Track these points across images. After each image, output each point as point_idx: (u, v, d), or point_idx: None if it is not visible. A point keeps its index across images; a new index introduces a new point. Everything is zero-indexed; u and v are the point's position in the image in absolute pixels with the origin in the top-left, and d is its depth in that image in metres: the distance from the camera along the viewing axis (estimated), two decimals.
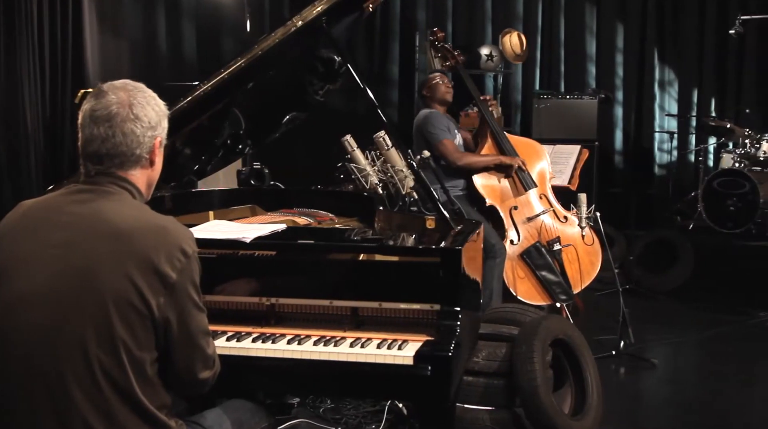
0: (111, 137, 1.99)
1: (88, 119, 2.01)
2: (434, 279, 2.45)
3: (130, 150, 2.01)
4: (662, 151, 9.73)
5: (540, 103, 8.41)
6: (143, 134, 2.03)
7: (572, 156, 6.13)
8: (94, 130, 1.99)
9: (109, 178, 2.01)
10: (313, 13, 3.03)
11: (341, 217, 3.75)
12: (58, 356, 1.84)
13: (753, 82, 9.56)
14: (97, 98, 2.02)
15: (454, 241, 2.52)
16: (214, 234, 2.62)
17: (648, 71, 9.62)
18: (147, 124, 2.03)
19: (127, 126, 2.00)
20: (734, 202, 7.49)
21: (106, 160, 2.01)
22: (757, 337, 5.75)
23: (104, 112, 1.99)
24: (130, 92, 2.03)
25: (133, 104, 2.02)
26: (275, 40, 2.93)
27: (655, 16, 9.59)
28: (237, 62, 2.98)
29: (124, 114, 2.00)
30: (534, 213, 5.48)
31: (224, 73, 3.00)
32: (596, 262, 5.56)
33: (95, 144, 2.00)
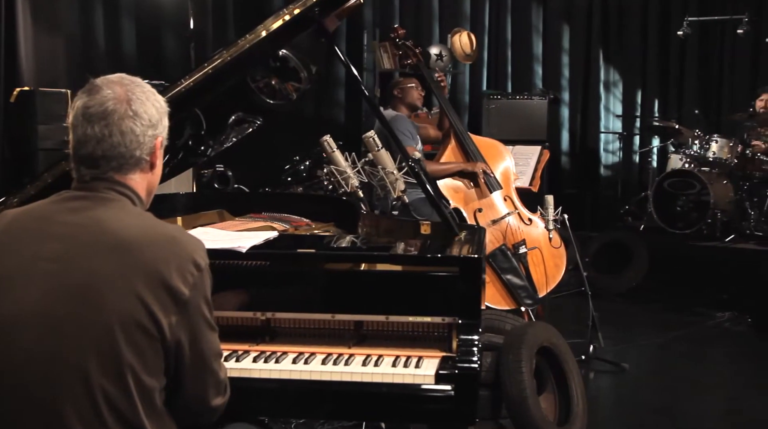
0: (107, 137, 1.76)
1: (80, 118, 1.77)
2: (447, 290, 2.27)
3: (129, 151, 1.78)
4: (608, 151, 9.76)
5: (490, 103, 8.32)
6: (143, 133, 1.80)
7: (533, 157, 6.03)
8: (87, 130, 1.76)
9: (106, 183, 1.78)
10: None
11: (317, 222, 3.56)
12: (55, 387, 1.60)
13: (695, 83, 9.67)
14: (90, 94, 1.78)
15: (470, 249, 2.34)
16: (206, 243, 2.39)
17: (593, 72, 9.65)
18: (147, 121, 1.80)
19: (126, 124, 1.77)
20: (685, 203, 7.51)
21: (102, 163, 1.77)
22: (719, 339, 5.74)
23: (99, 109, 1.76)
24: (127, 87, 1.80)
25: (132, 100, 1.79)
26: (245, 46, 2.67)
27: (600, 17, 9.63)
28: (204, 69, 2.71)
29: (121, 111, 1.77)
30: (499, 215, 5.34)
31: (188, 81, 2.72)
32: (561, 265, 5.45)
33: (89, 145, 1.76)
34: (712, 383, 4.90)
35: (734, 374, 5.07)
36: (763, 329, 5.78)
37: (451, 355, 2.24)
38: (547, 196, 5.23)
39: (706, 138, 7.68)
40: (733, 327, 5.96)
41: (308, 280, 2.38)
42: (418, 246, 2.54)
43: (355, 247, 2.49)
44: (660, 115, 9.68)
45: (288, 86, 3.89)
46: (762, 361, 5.25)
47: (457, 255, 2.27)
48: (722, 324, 6.03)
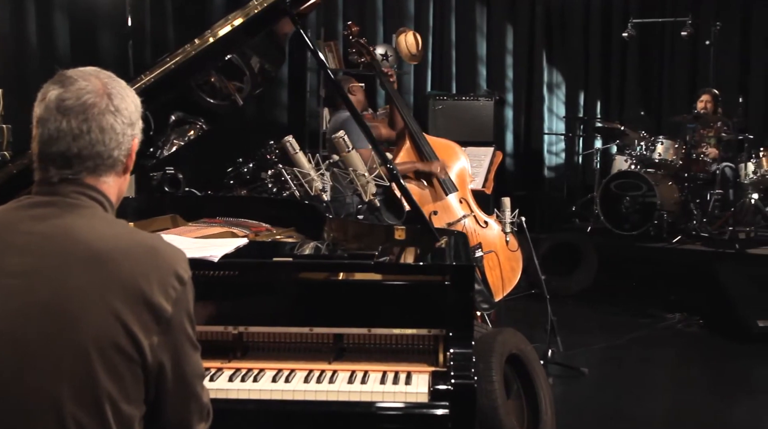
0: (86, 133, 1.56)
1: (54, 110, 1.55)
2: (435, 300, 2.13)
3: (108, 150, 1.59)
4: (551, 153, 9.76)
5: (436, 104, 8.22)
6: (123, 132, 1.60)
7: (486, 158, 5.93)
8: (62, 124, 1.55)
9: (76, 186, 1.57)
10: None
11: (276, 226, 3.39)
12: (22, 417, 1.41)
13: (636, 85, 9.74)
14: (63, 85, 1.57)
15: (459, 257, 2.19)
16: None
17: (537, 73, 9.63)
18: (127, 119, 1.61)
19: (106, 120, 1.57)
20: (631, 204, 7.52)
21: (76, 163, 1.57)
22: (673, 341, 5.72)
23: (77, 101, 1.55)
24: (104, 80, 1.61)
25: (112, 94, 1.60)
26: (208, 41, 2.48)
27: (543, 19, 9.62)
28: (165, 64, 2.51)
29: (102, 104, 1.57)
30: (455, 218, 5.21)
31: (148, 77, 2.53)
32: (517, 269, 5.36)
33: (63, 142, 1.55)
34: (671, 387, 4.86)
35: (694, 377, 5.03)
36: (715, 331, 5.77)
37: (441, 369, 2.10)
38: (504, 199, 5.14)
39: (652, 139, 7.70)
40: (685, 328, 5.95)
41: (285, 291, 2.21)
42: (397, 253, 2.39)
43: (337, 256, 2.31)
44: (602, 117, 9.72)
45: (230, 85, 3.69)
46: (718, 363, 5.24)
47: (448, 263, 2.12)
48: (674, 325, 6.01)
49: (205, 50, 2.44)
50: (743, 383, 4.91)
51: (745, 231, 7.37)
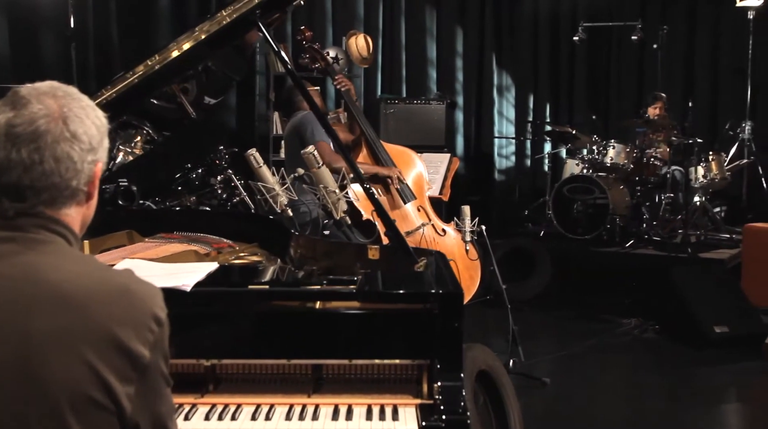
0: (38, 164, 1.40)
1: (3, 138, 1.40)
2: (420, 329, 2.02)
3: (65, 181, 1.43)
4: (501, 156, 9.74)
5: (387, 108, 8.12)
6: (81, 159, 1.45)
7: (442, 165, 5.86)
8: (11, 154, 1.40)
9: (36, 220, 1.42)
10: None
11: (239, 242, 3.26)
12: None
13: (585, 88, 9.79)
14: (14, 108, 1.42)
15: (446, 282, 2.09)
16: None
17: (487, 76, 9.60)
18: (87, 144, 1.45)
19: (61, 148, 1.42)
20: (584, 208, 7.52)
21: (30, 196, 1.42)
22: (631, 348, 5.71)
23: (28, 128, 1.40)
24: (60, 100, 1.45)
25: (68, 117, 1.44)
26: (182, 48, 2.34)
27: (492, 21, 9.60)
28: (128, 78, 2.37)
29: (56, 131, 1.42)
30: (413, 226, 5.13)
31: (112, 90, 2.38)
32: (476, 277, 5.29)
33: (14, 173, 1.40)
34: (632, 395, 4.85)
35: (653, 385, 5.01)
36: (671, 337, 5.78)
37: (427, 402, 2.00)
38: (464, 207, 5.04)
39: (603, 143, 7.72)
40: (641, 334, 5.94)
41: (261, 320, 2.09)
42: (376, 278, 2.28)
43: (315, 281, 2.18)
44: (552, 119, 9.75)
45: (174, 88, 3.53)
46: (677, 370, 5.24)
47: (435, 291, 2.01)
48: (631, 331, 6.00)
49: (169, 64, 2.30)
50: (701, 390, 4.91)
51: (695, 234, 7.43)
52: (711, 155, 7.57)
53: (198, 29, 2.32)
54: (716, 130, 9.40)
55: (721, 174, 7.58)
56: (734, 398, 4.97)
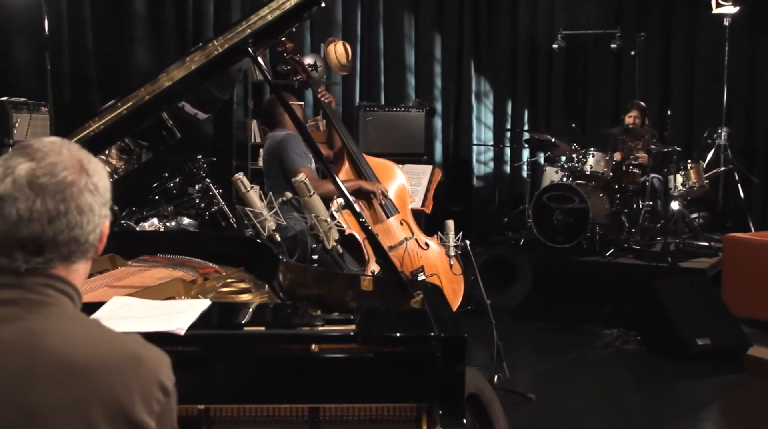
0: (62, 215, 1.36)
1: (25, 188, 1.34)
2: (421, 373, 1.97)
3: (85, 234, 1.39)
4: (480, 162, 9.73)
5: (366, 115, 8.07)
6: (100, 213, 1.42)
7: (424, 177, 5.81)
8: (35, 204, 1.34)
9: (44, 278, 1.37)
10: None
11: (224, 265, 3.19)
12: None
13: (562, 94, 9.80)
14: (33, 159, 1.36)
15: (448, 324, 2.04)
16: (128, 323, 2.00)
17: (465, 82, 9.58)
18: (104, 198, 1.43)
19: (85, 200, 1.38)
20: (564, 217, 7.51)
21: (49, 249, 1.37)
22: (615, 360, 5.69)
23: (53, 179, 1.35)
24: (77, 154, 1.41)
25: (90, 171, 1.41)
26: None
27: (470, 27, 9.58)
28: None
29: (81, 183, 1.38)
30: (396, 241, 5.08)
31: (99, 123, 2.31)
32: (459, 291, 5.26)
33: (36, 225, 1.34)
34: (617, 411, 4.84)
35: (638, 399, 5.01)
36: (653, 348, 5.77)
37: None
38: (448, 221, 4.99)
39: (583, 152, 7.72)
40: (623, 345, 5.92)
41: (256, 363, 2.02)
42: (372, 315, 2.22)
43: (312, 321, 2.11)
44: (530, 126, 9.75)
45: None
46: (661, 384, 5.22)
47: (438, 334, 1.96)
48: (612, 343, 5.98)
49: (160, 94, 2.23)
50: (685, 404, 4.90)
51: (675, 242, 7.45)
52: (690, 163, 7.60)
53: (189, 59, 2.25)
54: (692, 136, 9.46)
55: (700, 182, 7.60)
56: (718, 412, 4.97)
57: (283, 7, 2.23)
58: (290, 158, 4.93)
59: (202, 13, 8.00)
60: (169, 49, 7.86)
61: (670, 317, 5.61)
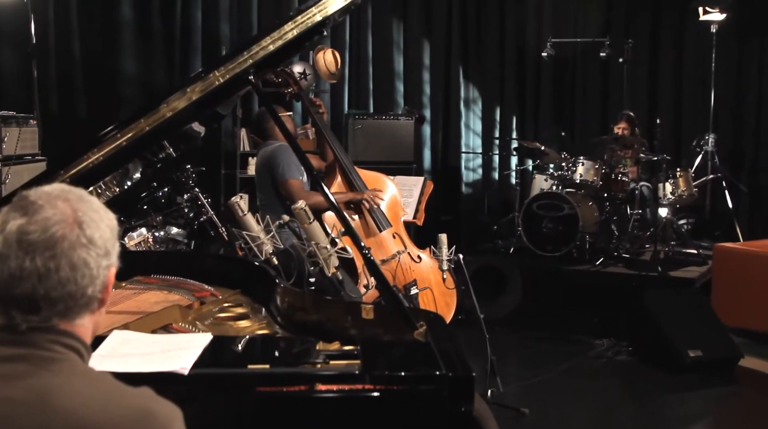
0: (53, 272, 1.33)
1: (14, 246, 1.32)
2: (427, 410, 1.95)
3: (81, 289, 1.36)
4: (468, 169, 9.72)
5: (355, 124, 8.04)
6: (97, 265, 1.38)
7: (416, 188, 5.79)
8: (25, 263, 1.32)
9: (50, 334, 1.34)
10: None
11: (220, 287, 3.16)
12: None
13: (550, 101, 9.81)
14: (26, 213, 1.34)
15: (449, 359, 2.01)
16: (130, 361, 1.97)
17: (453, 89, 9.57)
18: (102, 249, 1.39)
19: (78, 255, 1.35)
20: (554, 225, 7.51)
21: (44, 307, 1.34)
22: (606, 372, 5.68)
23: (42, 235, 1.33)
24: (74, 204, 1.38)
25: (83, 222, 1.37)
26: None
27: (459, 34, 9.57)
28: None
29: (72, 237, 1.35)
30: (389, 254, 5.07)
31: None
32: (452, 304, 5.28)
33: (27, 283, 1.32)
34: (611, 425, 4.82)
35: (631, 412, 5.01)
36: (644, 359, 5.77)
37: None
38: (441, 235, 4.96)
39: (573, 160, 7.72)
40: (614, 357, 5.92)
41: (261, 402, 2.00)
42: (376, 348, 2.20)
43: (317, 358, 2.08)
44: (518, 132, 9.76)
45: None
46: (653, 397, 5.22)
47: (446, 373, 1.94)
48: (604, 354, 5.98)
49: (161, 125, 2.20)
50: (678, 417, 4.90)
51: (663, 250, 7.46)
52: (678, 171, 7.61)
53: (189, 90, 2.22)
54: (680, 142, 9.49)
55: (689, 190, 7.62)
56: (711, 425, 4.99)
57: (285, 37, 2.21)
58: (280, 168, 4.91)
59: (190, 20, 7.95)
60: (156, 56, 7.82)
61: (661, 329, 5.61)
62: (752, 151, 9.34)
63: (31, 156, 5.76)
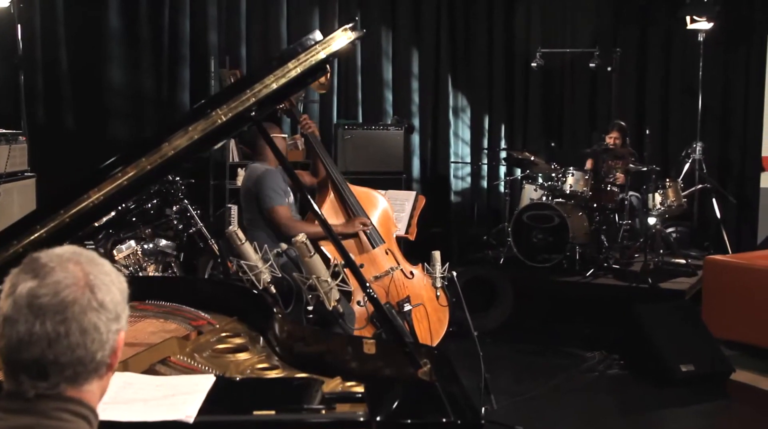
0: (63, 337, 1.31)
1: (24, 309, 1.30)
2: None
3: (90, 354, 1.34)
4: (457, 178, 9.72)
5: (345, 134, 8.03)
6: (107, 329, 1.36)
7: (408, 203, 5.78)
8: (35, 327, 1.30)
9: (57, 402, 1.32)
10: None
11: (216, 314, 3.13)
12: None
13: (539, 109, 9.82)
14: (37, 276, 1.32)
15: (455, 403, 1.99)
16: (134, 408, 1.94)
17: (442, 97, 9.56)
18: (113, 313, 1.37)
19: (88, 319, 1.33)
20: (544, 236, 7.52)
21: (53, 373, 1.32)
22: (597, 386, 5.65)
23: (54, 299, 1.31)
24: (84, 266, 1.36)
25: (95, 286, 1.35)
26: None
27: (448, 42, 9.56)
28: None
29: (84, 301, 1.33)
30: (382, 271, 5.07)
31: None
32: (444, 320, 5.28)
33: (36, 348, 1.30)
34: None
35: (629, 427, 5.01)
36: (636, 373, 5.77)
37: None
38: (434, 253, 4.95)
39: (562, 170, 7.73)
40: (606, 370, 5.91)
41: None
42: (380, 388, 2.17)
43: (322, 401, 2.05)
44: (506, 140, 9.76)
45: None
46: (646, 412, 5.24)
47: (453, 420, 1.92)
48: (596, 367, 5.97)
49: (162, 163, 2.17)
50: None
51: (653, 260, 7.47)
52: (668, 182, 7.63)
53: (192, 128, 2.18)
54: (668, 150, 9.51)
55: (678, 201, 7.64)
56: None
57: (288, 75, 2.19)
58: (267, 196, 4.90)
59: (178, 29, 7.90)
60: (144, 66, 7.77)
61: (653, 343, 5.61)
62: (739, 159, 9.38)
63: (20, 173, 5.71)
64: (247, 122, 2.27)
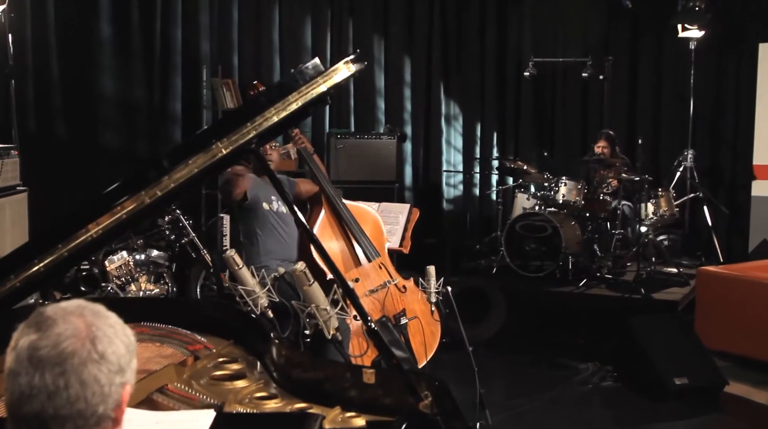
0: (62, 389, 1.29)
1: (25, 362, 1.29)
2: None
3: (91, 407, 1.32)
4: (449, 185, 9.71)
5: (337, 143, 8.01)
6: (109, 382, 1.34)
7: (402, 215, 5.76)
8: (34, 380, 1.29)
9: None
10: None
11: (212, 336, 3.11)
12: None
13: (530, 118, 9.83)
14: (39, 329, 1.31)
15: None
16: None
17: (434, 105, 9.56)
18: (115, 365, 1.36)
19: (88, 371, 1.31)
20: (537, 245, 7.52)
21: (53, 426, 1.30)
22: (590, 399, 5.68)
23: (53, 351, 1.30)
24: (87, 318, 1.35)
25: (96, 337, 1.34)
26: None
27: (440, 50, 9.56)
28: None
29: (83, 353, 1.32)
30: (376, 285, 5.05)
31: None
32: (437, 333, 5.27)
33: (36, 401, 1.29)
34: None
35: None
36: (630, 385, 5.77)
37: None
38: (429, 267, 4.94)
39: (555, 180, 7.74)
40: (600, 382, 5.91)
41: None
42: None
43: None
44: (498, 148, 9.77)
45: None
46: (640, 425, 5.24)
47: None
48: (590, 379, 5.97)
49: (162, 197, 2.15)
50: None
51: (646, 270, 7.49)
52: (660, 191, 7.65)
53: (192, 161, 2.16)
54: (659, 158, 9.53)
55: (670, 210, 7.67)
56: None
57: (289, 108, 2.18)
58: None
59: (170, 38, 7.88)
60: (136, 75, 7.74)
61: (647, 357, 5.61)
62: (730, 167, 9.40)
63: (12, 187, 5.67)
64: (247, 155, 2.26)
